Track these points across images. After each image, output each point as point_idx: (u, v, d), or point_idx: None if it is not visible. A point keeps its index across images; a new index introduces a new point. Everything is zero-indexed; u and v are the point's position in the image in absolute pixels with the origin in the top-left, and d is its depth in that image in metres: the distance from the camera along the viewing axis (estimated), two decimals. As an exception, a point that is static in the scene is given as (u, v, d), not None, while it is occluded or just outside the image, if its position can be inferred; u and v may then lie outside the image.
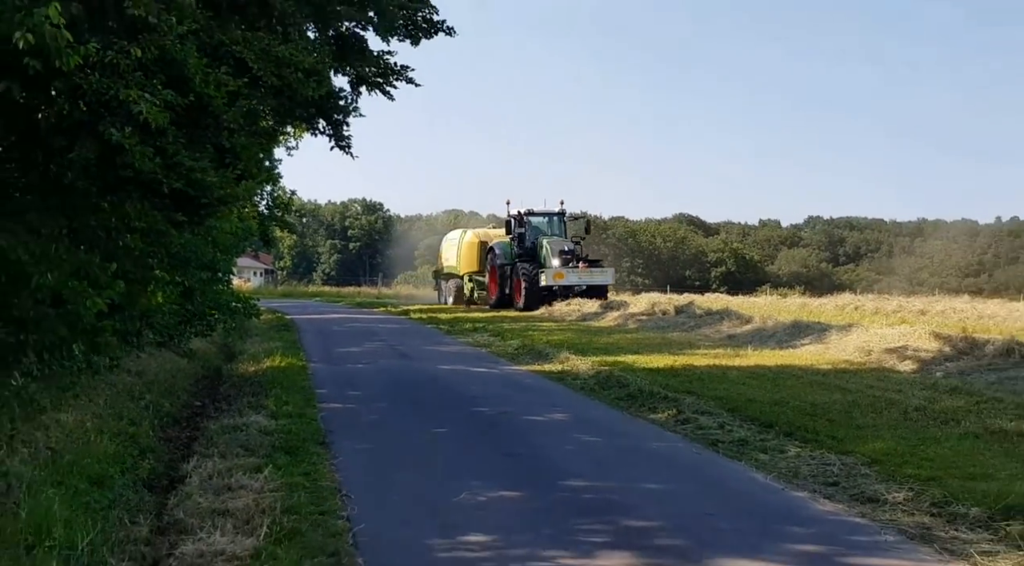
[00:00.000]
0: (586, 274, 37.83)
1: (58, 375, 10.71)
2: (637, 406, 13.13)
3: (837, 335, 21.71)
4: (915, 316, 31.05)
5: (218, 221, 15.28)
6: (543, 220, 41.34)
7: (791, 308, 36.38)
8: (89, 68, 9.00)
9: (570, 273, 37.09)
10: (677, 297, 56.32)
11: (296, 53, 11.87)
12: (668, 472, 9.15)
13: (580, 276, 37.47)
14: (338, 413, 12.48)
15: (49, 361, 10.65)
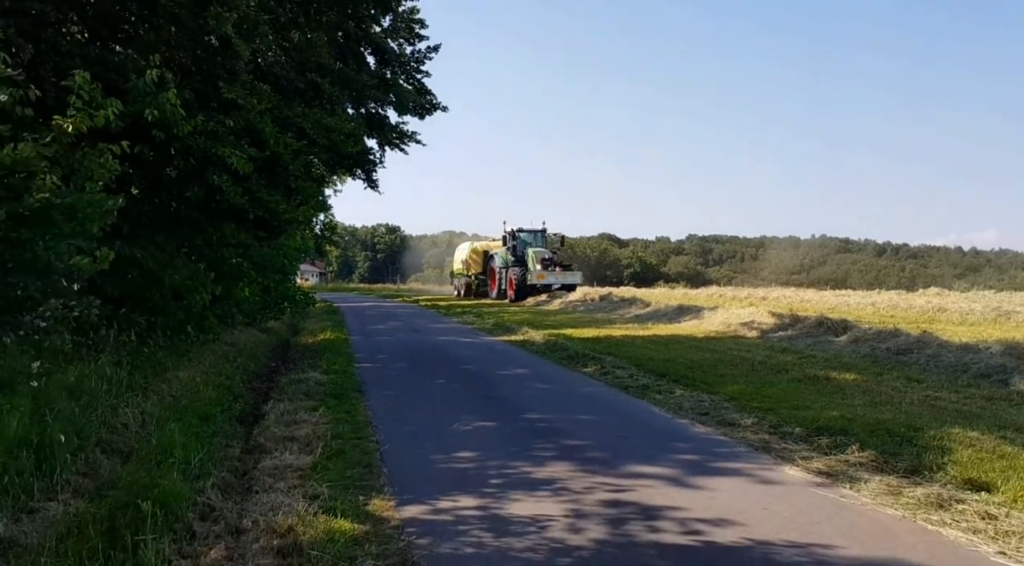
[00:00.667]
0: (561, 275, 36.56)
1: (177, 345, 10.63)
2: (574, 363, 13.13)
3: (708, 314, 21.82)
4: (759, 301, 31.29)
5: (287, 239, 15.24)
6: (529, 235, 39.68)
7: (677, 296, 36.48)
8: (197, 134, 8.95)
9: (549, 274, 35.89)
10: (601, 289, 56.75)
11: (340, 122, 11.86)
12: (595, 408, 9.16)
13: (556, 277, 36.21)
14: (369, 370, 12.41)
15: (171, 336, 10.58)
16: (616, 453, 6.78)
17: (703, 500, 5.45)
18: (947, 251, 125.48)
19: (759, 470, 6.23)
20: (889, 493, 5.49)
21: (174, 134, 8.19)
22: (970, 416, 7.98)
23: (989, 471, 5.76)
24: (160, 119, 7.93)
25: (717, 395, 9.40)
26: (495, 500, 5.42)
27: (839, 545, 4.55)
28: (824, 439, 6.95)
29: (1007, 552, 4.38)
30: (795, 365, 11.98)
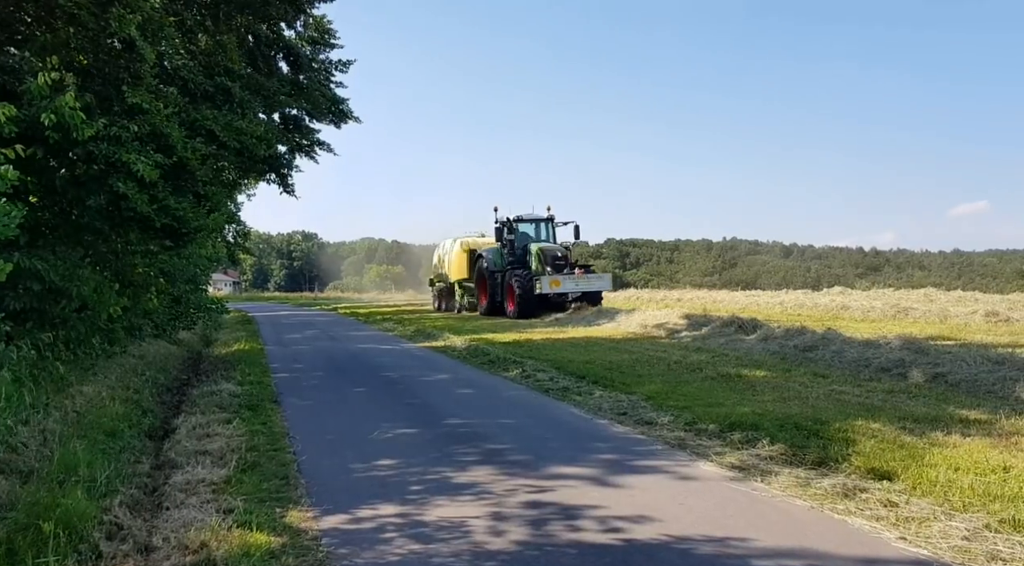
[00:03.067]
0: (583, 281, 25.77)
1: (82, 359, 10.16)
2: (495, 368, 13.15)
3: (625, 316, 22.18)
4: (674, 302, 32.08)
5: (197, 248, 14.79)
6: (531, 226, 28.50)
7: (595, 299, 37.10)
8: (100, 140, 8.61)
9: (566, 280, 25.30)
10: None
11: (251, 125, 11.57)
12: (516, 411, 9.19)
13: (577, 283, 25.54)
14: (286, 380, 12.15)
15: (75, 350, 10.11)
16: (538, 455, 6.82)
17: (622, 498, 5.53)
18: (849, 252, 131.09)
19: (676, 467, 6.36)
20: (798, 485, 5.68)
21: (74, 139, 7.84)
22: (872, 408, 8.34)
23: (890, 461, 6.02)
24: (58, 123, 7.59)
25: (635, 395, 9.54)
26: (417, 506, 5.37)
27: (752, 537, 4.69)
28: (737, 435, 7.14)
29: (907, 537, 4.59)
30: (709, 364, 12.29)
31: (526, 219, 28.12)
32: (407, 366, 13.90)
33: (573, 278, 25.45)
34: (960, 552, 4.32)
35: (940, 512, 4.89)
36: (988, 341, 14.66)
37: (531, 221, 28.34)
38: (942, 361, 10.77)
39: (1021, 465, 5.80)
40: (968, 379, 9.78)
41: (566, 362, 12.90)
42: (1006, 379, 9.45)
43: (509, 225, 27.74)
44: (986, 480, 5.43)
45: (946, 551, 4.34)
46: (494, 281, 27.16)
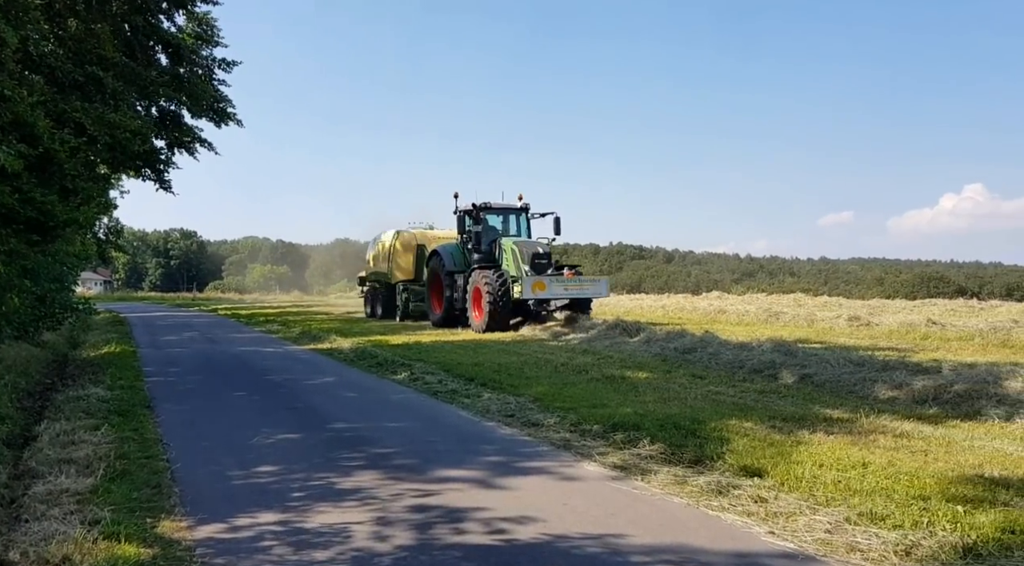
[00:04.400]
0: (575, 285, 20.43)
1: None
2: (383, 370, 13.00)
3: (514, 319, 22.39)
4: (563, 306, 32.55)
5: (64, 245, 13.93)
6: (499, 218, 22.95)
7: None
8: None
9: (553, 283, 19.94)
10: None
11: (125, 119, 10.95)
12: (404, 414, 9.11)
13: (567, 287, 20.23)
14: (161, 384, 11.60)
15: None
16: (424, 459, 6.78)
17: (507, 500, 5.56)
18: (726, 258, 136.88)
19: (560, 467, 6.46)
20: (676, 483, 5.87)
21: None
22: (745, 408, 8.72)
23: (761, 458, 6.31)
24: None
25: (523, 397, 9.62)
26: (298, 513, 5.23)
27: (632, 534, 4.81)
28: (619, 435, 7.31)
29: (776, 531, 4.82)
30: (594, 366, 12.54)
31: (495, 208, 22.45)
32: (291, 369, 13.54)
33: (562, 281, 20.07)
34: (823, 544, 4.56)
35: (806, 507, 5.15)
36: (850, 344, 15.64)
37: (500, 211, 22.73)
38: (809, 363, 11.39)
39: (878, 461, 6.20)
40: (832, 380, 10.38)
41: (455, 365, 12.88)
42: (865, 380, 10.09)
43: (474, 215, 21.89)
44: (847, 475, 5.76)
45: (810, 544, 4.58)
46: (452, 284, 21.61)
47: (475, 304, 20.53)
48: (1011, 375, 9.21)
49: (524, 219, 22.92)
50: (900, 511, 4.89)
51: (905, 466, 6.03)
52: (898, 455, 6.44)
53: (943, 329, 17.93)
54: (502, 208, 22.68)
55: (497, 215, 22.79)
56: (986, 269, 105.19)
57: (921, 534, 4.51)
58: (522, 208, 22.76)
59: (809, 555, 4.43)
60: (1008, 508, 4.95)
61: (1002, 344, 15.61)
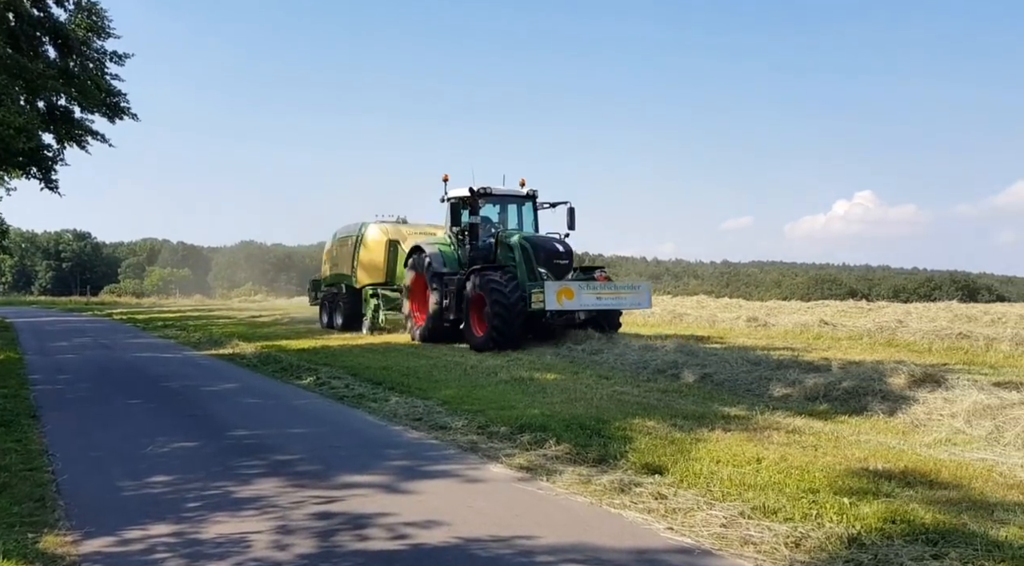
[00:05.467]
0: (609, 292, 15.83)
1: None
2: (288, 375, 12.71)
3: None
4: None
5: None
6: (495, 208, 18.38)
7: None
8: None
9: (583, 290, 15.27)
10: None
11: (8, 115, 10.35)
12: (308, 420, 8.92)
13: (600, 296, 15.60)
14: (48, 393, 10.99)
15: None
16: (328, 465, 6.65)
17: (412, 504, 5.51)
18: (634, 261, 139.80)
19: (467, 470, 6.44)
20: (580, 482, 5.95)
21: None
22: (649, 407, 8.92)
23: (662, 456, 6.46)
24: None
25: (431, 400, 9.57)
26: (193, 524, 5.04)
27: (536, 535, 4.84)
28: (526, 436, 7.35)
29: (674, 527, 4.93)
30: (504, 368, 12.59)
31: (496, 194, 17.83)
32: (190, 376, 13.07)
33: (593, 287, 15.40)
34: (718, 539, 4.70)
35: (703, 502, 5.30)
36: (748, 344, 16.20)
37: (501, 199, 18.12)
38: (709, 362, 11.74)
39: (772, 456, 6.43)
40: (730, 379, 10.72)
41: (363, 368, 12.70)
42: (762, 378, 10.47)
43: (472, 203, 17.30)
44: (742, 471, 5.96)
45: (707, 538, 4.71)
46: (442, 289, 16.99)
47: (476, 315, 15.82)
48: (894, 372, 9.72)
49: (530, 210, 18.27)
50: (791, 504, 5.09)
51: (796, 461, 6.28)
52: (790, 450, 6.70)
53: (834, 329, 18.78)
54: (504, 195, 18.02)
55: (494, 204, 18.15)
56: (875, 272, 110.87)
57: (810, 526, 4.71)
58: (528, 196, 18.06)
59: (705, 549, 4.55)
60: (890, 499, 5.21)
61: (888, 343, 16.48)
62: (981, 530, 4.58)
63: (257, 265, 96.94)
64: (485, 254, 17.08)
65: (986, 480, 5.81)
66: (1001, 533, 4.54)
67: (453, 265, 17.45)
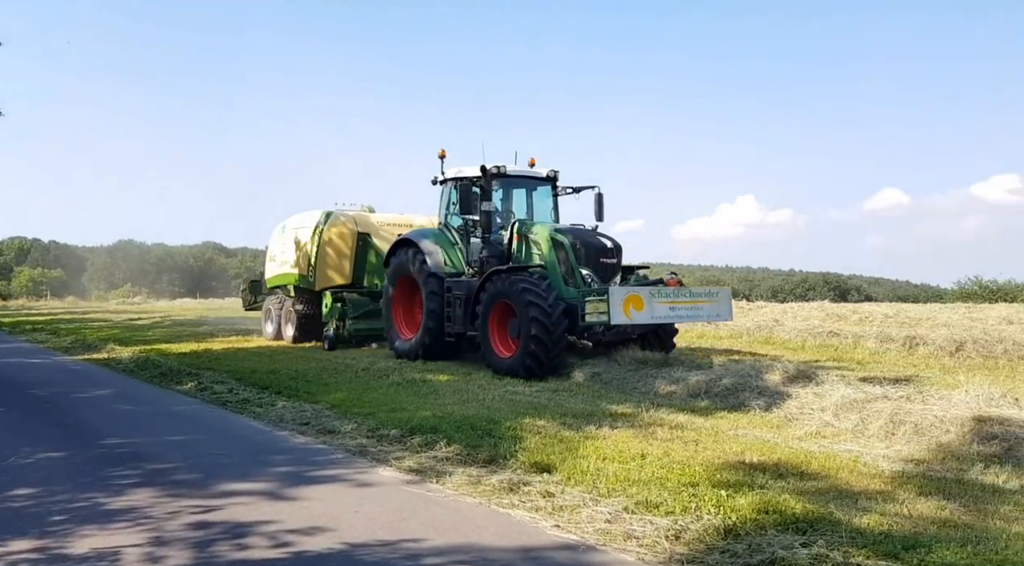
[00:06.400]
0: (685, 300, 11.80)
1: None
2: (167, 381, 12.16)
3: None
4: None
5: None
6: (498, 193, 14.04)
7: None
8: None
9: (654, 299, 11.24)
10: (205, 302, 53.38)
11: None
12: (187, 427, 8.55)
13: (674, 305, 11.55)
14: (-102, 402, 10.13)
15: None
16: (208, 473, 6.39)
17: (297, 510, 5.37)
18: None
19: (355, 474, 6.34)
20: (470, 483, 5.94)
21: None
22: (539, 407, 9.02)
23: (551, 454, 6.53)
24: None
25: (319, 404, 9.38)
26: (59, 539, 4.74)
27: (424, 537, 4.80)
28: (417, 438, 7.29)
29: (560, 524, 5.00)
30: (396, 370, 12.46)
31: (511, 175, 13.88)
32: (60, 382, 12.32)
33: (666, 294, 11.65)
34: (603, 534, 4.80)
35: (589, 499, 5.40)
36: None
37: (514, 181, 14.15)
38: (598, 362, 11.97)
39: (656, 452, 6.62)
40: (619, 378, 10.98)
41: (248, 372, 12.30)
42: (648, 376, 10.76)
43: (485, 185, 13.46)
44: (627, 467, 6.11)
45: (591, 534, 4.80)
46: (441, 294, 13.46)
47: (498, 329, 12.38)
48: (770, 369, 10.19)
49: (546, 195, 14.53)
50: (672, 498, 5.25)
51: (678, 455, 6.49)
52: (673, 446, 6.92)
53: (717, 328, 19.52)
54: (520, 176, 14.10)
55: (496, 188, 13.92)
56: (755, 273, 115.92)
57: (689, 519, 4.86)
58: (548, 178, 14.36)
59: (590, 545, 4.64)
60: (764, 490, 5.45)
61: (766, 341, 17.29)
62: (846, 518, 4.85)
63: (136, 265, 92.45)
64: (498, 250, 13.43)
65: (851, 470, 6.17)
66: (864, 520, 4.82)
67: (456, 265, 13.81)
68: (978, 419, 7.19)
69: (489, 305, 12.30)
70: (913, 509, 5.12)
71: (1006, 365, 12.68)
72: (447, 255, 13.88)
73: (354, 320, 16.91)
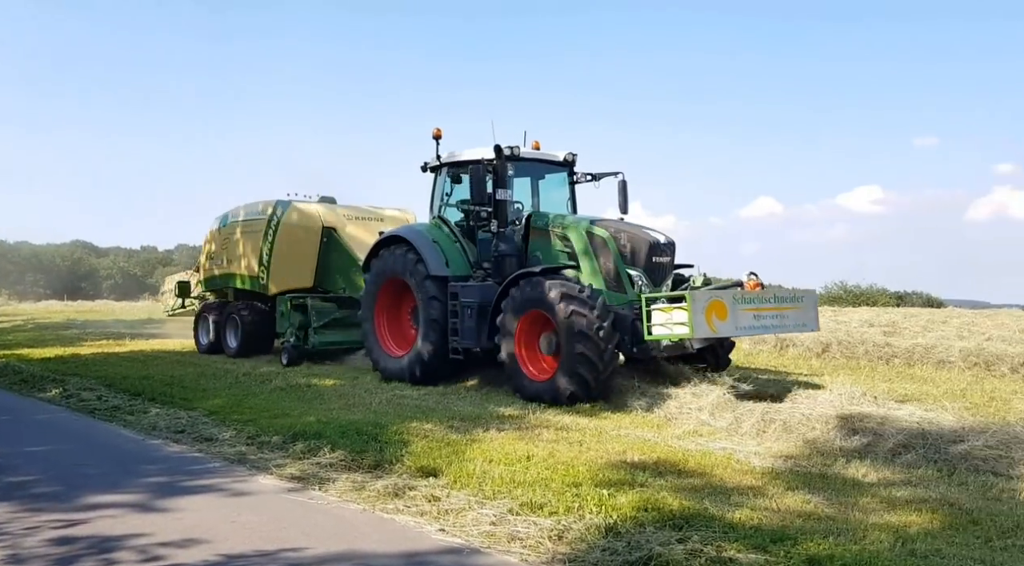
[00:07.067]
0: (770, 307, 9.35)
1: None
2: (29, 388, 11.39)
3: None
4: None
5: None
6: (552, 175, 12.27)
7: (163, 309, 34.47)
8: None
9: (738, 306, 8.94)
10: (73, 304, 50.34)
11: None
12: (50, 437, 8.04)
13: (759, 314, 9.15)
14: None
15: None
16: (72, 485, 6.03)
17: (169, 522, 5.13)
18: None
19: (232, 483, 6.11)
20: (354, 489, 5.84)
21: None
22: (427, 410, 8.97)
23: (437, 458, 6.49)
24: None
25: (196, 411, 9.02)
26: None
27: (305, 546, 4.68)
28: (300, 444, 7.10)
29: (446, 528, 4.98)
30: (279, 374, 12.13)
31: (526, 158, 11.70)
32: (-96, 390, 11.33)
33: (750, 300, 9.34)
34: (487, 536, 4.80)
35: (474, 502, 5.39)
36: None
37: (526, 164, 11.85)
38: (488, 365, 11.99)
39: (541, 453, 6.69)
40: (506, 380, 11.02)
41: (119, 378, 11.67)
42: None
43: (498, 169, 11.15)
44: (513, 469, 6.14)
45: (476, 537, 4.80)
46: (442, 302, 11.09)
47: (527, 347, 10.08)
48: (652, 370, 10.48)
49: (564, 183, 12.34)
50: (556, 499, 5.31)
51: (563, 456, 6.58)
52: (558, 447, 7.01)
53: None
54: (534, 160, 11.90)
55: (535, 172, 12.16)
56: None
57: (572, 518, 4.94)
58: (565, 162, 12.12)
59: (474, 548, 4.63)
60: (644, 488, 5.60)
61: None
62: (720, 513, 5.04)
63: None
64: (516, 249, 11.06)
65: (726, 467, 6.43)
66: (736, 515, 5.03)
67: (460, 266, 11.34)
68: (841, 417, 7.65)
69: (515, 315, 9.93)
70: (781, 503, 5.39)
71: (867, 365, 13.54)
72: (451, 256, 11.33)
73: (319, 330, 14.19)
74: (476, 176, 10.72)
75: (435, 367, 11.11)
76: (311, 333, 14.16)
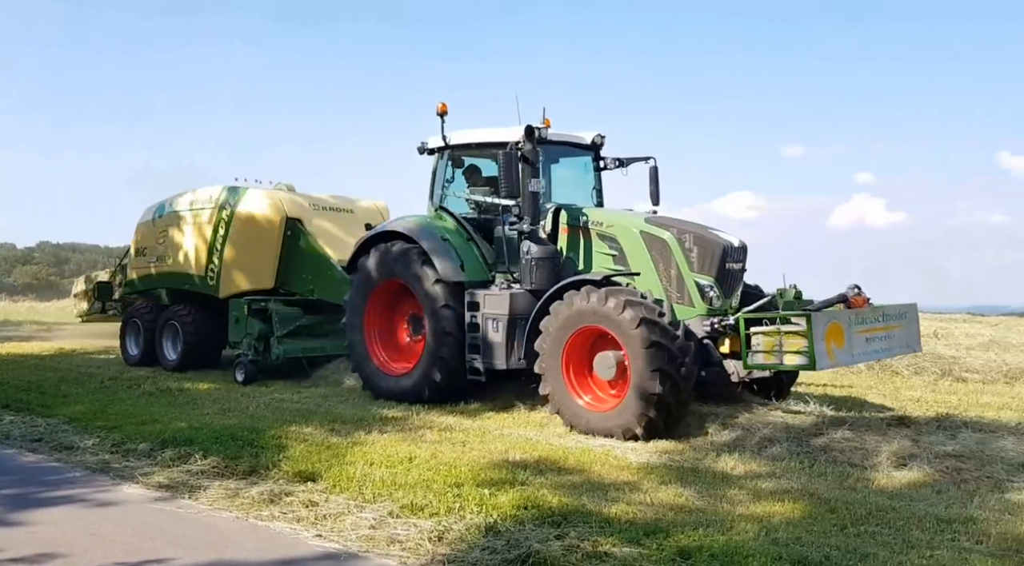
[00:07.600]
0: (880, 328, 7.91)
1: None
2: None
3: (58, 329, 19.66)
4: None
5: None
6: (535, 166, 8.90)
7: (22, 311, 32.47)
8: None
9: (853, 328, 7.44)
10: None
11: None
12: None
13: (870, 336, 7.74)
14: None
15: None
16: (-92, 501, 5.53)
17: (22, 536, 4.80)
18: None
19: (94, 493, 5.78)
20: (227, 496, 5.62)
21: None
22: (307, 413, 8.75)
23: (317, 462, 6.33)
24: None
25: (55, 418, 8.49)
26: None
27: (172, 557, 4.47)
28: (169, 452, 6.77)
29: (323, 534, 4.86)
30: (150, 378, 11.58)
31: (553, 141, 9.66)
32: None
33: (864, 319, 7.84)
34: (366, 540, 4.72)
35: (354, 506, 5.30)
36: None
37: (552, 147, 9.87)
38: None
39: (423, 455, 6.65)
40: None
41: (-33, 385, 10.81)
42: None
43: (528, 154, 8.89)
44: (394, 471, 6.07)
45: (355, 542, 4.71)
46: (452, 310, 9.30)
47: (574, 368, 8.27)
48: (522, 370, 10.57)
49: (589, 170, 10.51)
50: (437, 500, 5.29)
51: (446, 457, 6.57)
52: (441, 447, 6.99)
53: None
54: (561, 143, 10.03)
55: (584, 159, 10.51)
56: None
57: (453, 519, 4.93)
58: (593, 145, 10.30)
59: (352, 553, 4.55)
60: (524, 487, 5.65)
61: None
62: (597, 509, 5.15)
63: None
64: (551, 251, 9.07)
65: (604, 463, 6.57)
66: (612, 510, 5.15)
67: (477, 271, 9.58)
68: (712, 413, 7.96)
69: (563, 333, 8.17)
70: (655, 497, 5.56)
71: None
72: (466, 257, 9.53)
73: (283, 339, 11.90)
74: (507, 162, 8.79)
75: (452, 387, 9.42)
76: (273, 342, 11.78)
